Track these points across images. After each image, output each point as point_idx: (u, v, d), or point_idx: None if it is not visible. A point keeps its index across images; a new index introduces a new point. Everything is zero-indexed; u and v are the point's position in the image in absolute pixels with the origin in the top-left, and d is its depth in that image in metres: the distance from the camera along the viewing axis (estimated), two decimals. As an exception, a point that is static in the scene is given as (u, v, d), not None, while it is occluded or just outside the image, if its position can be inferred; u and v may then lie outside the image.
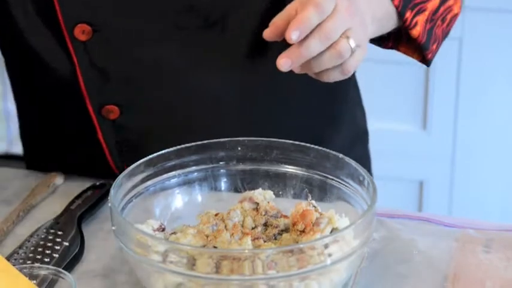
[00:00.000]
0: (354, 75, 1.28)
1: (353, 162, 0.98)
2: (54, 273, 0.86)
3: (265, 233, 0.97)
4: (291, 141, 1.03)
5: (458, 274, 0.98)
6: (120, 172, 0.98)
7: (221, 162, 1.06)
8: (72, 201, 1.10)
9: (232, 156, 1.05)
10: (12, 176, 1.22)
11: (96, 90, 1.14)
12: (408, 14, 1.09)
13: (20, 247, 1.00)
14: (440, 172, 2.29)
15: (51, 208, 1.11)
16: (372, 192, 0.93)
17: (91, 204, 1.10)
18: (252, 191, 1.03)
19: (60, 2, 1.08)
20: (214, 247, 0.92)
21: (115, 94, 1.14)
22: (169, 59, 1.11)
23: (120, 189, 0.96)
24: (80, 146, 1.21)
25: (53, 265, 0.95)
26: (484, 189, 2.28)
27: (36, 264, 0.93)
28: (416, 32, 1.11)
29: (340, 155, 1.00)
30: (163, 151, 1.02)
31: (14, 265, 0.86)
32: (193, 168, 1.05)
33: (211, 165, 1.06)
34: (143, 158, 1.00)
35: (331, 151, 1.01)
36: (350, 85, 1.29)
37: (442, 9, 1.15)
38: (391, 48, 1.18)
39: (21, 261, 0.97)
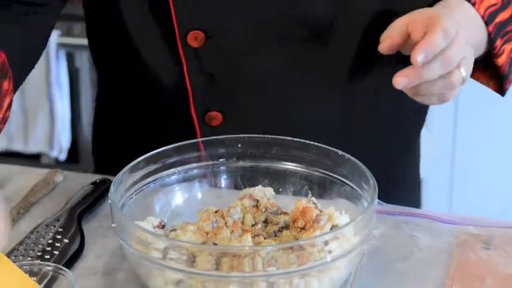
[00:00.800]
0: None
1: (353, 159, 0.98)
2: (54, 270, 0.86)
3: (266, 230, 0.97)
4: (290, 138, 1.03)
5: (458, 271, 0.98)
6: None
7: (221, 159, 1.06)
8: (72, 198, 1.10)
9: (232, 153, 1.05)
10: (12, 173, 1.22)
11: (201, 96, 1.13)
12: (498, 42, 1.08)
13: (20, 244, 1.00)
14: (441, 170, 2.29)
15: (51, 205, 1.11)
16: (372, 189, 0.93)
17: (91, 201, 1.10)
18: (252, 188, 1.03)
19: (176, 8, 1.08)
20: (214, 244, 0.92)
21: (220, 101, 1.14)
22: (273, 70, 1.11)
23: (120, 186, 0.96)
24: None
25: (53, 262, 0.95)
26: (484, 187, 2.28)
27: (37, 261, 0.93)
28: (501, 60, 1.09)
29: (340, 152, 1.00)
30: (163, 148, 1.02)
31: (14, 262, 0.86)
32: (194, 165, 1.05)
33: (211, 162, 1.06)
34: None
35: (331, 148, 1.01)
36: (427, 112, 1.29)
37: None
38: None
39: (21, 258, 0.97)
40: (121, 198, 0.96)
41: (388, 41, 0.99)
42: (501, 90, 1.14)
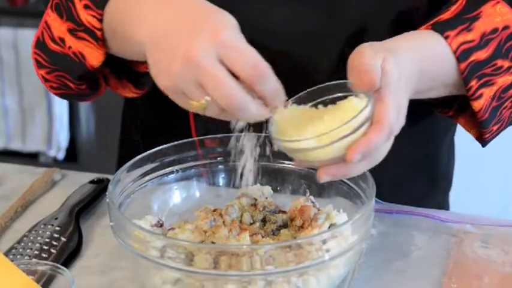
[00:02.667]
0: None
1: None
2: (52, 269, 0.86)
3: (264, 229, 0.97)
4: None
5: (456, 269, 0.98)
6: None
7: (219, 158, 1.06)
8: (70, 197, 1.10)
9: (230, 152, 1.05)
10: (10, 171, 1.22)
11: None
12: (474, 83, 1.00)
13: (18, 243, 1.00)
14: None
15: (49, 204, 1.11)
16: (370, 188, 0.93)
17: (89, 199, 1.10)
18: (250, 187, 1.03)
19: None
20: (212, 243, 0.92)
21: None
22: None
23: (118, 185, 0.96)
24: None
25: (51, 261, 0.95)
26: (482, 186, 2.28)
27: (34, 260, 0.93)
28: (478, 105, 1.01)
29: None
30: (161, 147, 1.02)
31: (12, 261, 0.86)
32: (191, 163, 1.05)
33: (209, 161, 1.06)
34: None
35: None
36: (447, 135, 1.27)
37: None
38: (451, 117, 1.10)
39: (19, 256, 0.97)
40: (119, 197, 0.96)
41: (355, 76, 0.91)
42: (482, 140, 1.08)
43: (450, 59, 0.99)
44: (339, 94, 0.91)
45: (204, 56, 0.84)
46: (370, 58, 0.89)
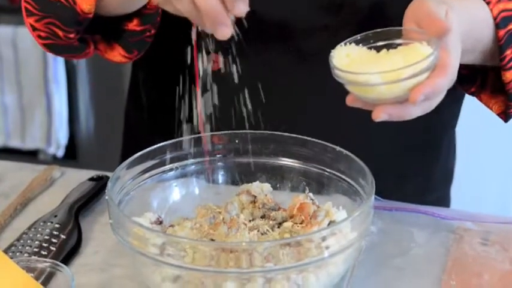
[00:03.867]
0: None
1: (350, 155, 0.98)
2: (52, 266, 0.86)
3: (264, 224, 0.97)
4: (288, 134, 1.03)
5: (456, 266, 0.98)
6: None
7: (219, 155, 1.06)
8: (70, 194, 1.10)
9: (229, 149, 1.05)
10: (9, 169, 1.22)
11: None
12: (509, 52, 1.01)
13: (18, 240, 1.00)
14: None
15: (48, 201, 1.11)
16: (370, 185, 0.93)
17: (88, 197, 1.10)
18: (250, 184, 1.03)
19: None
20: (212, 240, 0.92)
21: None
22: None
23: (118, 182, 0.96)
24: None
25: (51, 258, 0.95)
26: (481, 183, 2.28)
27: (34, 258, 0.93)
28: (510, 76, 1.01)
29: (338, 148, 1.00)
30: (160, 144, 1.02)
31: (11, 258, 0.85)
32: (191, 161, 1.05)
33: (208, 158, 1.05)
34: None
35: (328, 144, 1.00)
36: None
37: None
38: (473, 94, 1.11)
39: (18, 254, 0.97)
40: (118, 194, 0.96)
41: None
42: (505, 115, 1.08)
43: (491, 24, 1.00)
44: (400, 41, 0.92)
45: None
46: (435, 8, 0.91)
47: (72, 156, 2.65)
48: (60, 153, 2.63)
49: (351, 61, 0.90)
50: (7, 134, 2.65)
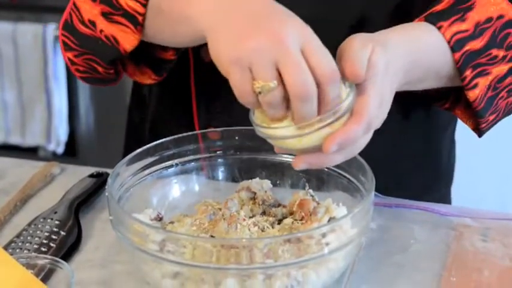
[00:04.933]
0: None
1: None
2: (52, 263, 0.86)
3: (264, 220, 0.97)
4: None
5: (456, 263, 0.98)
6: None
7: (218, 152, 1.06)
8: (70, 191, 1.10)
9: (229, 145, 1.05)
10: (9, 165, 1.22)
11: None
12: (468, 73, 0.99)
13: (18, 237, 1.00)
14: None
15: (48, 198, 1.11)
16: (370, 181, 0.93)
17: (88, 193, 1.10)
18: (250, 181, 1.03)
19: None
20: (212, 236, 0.92)
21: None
22: None
23: (118, 178, 0.96)
24: None
25: (51, 255, 0.95)
26: (481, 180, 2.28)
27: (34, 254, 0.93)
28: (473, 94, 1.01)
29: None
30: (160, 140, 1.02)
31: (11, 254, 0.86)
32: (191, 157, 1.05)
33: (208, 155, 1.05)
34: None
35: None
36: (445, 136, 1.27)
37: (510, 79, 1.03)
38: (448, 109, 1.10)
39: (18, 250, 0.97)
40: (118, 191, 0.96)
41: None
42: (478, 130, 1.07)
43: (444, 49, 0.98)
44: None
45: (293, 42, 0.84)
46: (358, 49, 0.89)
47: (72, 153, 2.65)
48: (60, 149, 2.63)
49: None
50: (7, 131, 2.65)
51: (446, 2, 1.01)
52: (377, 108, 0.88)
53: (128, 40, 1.01)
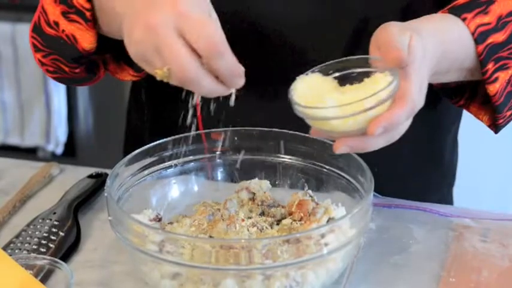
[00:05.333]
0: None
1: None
2: (51, 264, 0.86)
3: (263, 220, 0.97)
4: (287, 131, 1.03)
5: (455, 263, 0.98)
6: None
7: (217, 152, 1.06)
8: (69, 192, 1.10)
9: (228, 146, 1.05)
10: (8, 166, 1.22)
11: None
12: (490, 66, 1.00)
13: (17, 237, 1.00)
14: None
15: (47, 198, 1.11)
16: (368, 181, 0.93)
17: (87, 194, 1.10)
18: (249, 181, 1.03)
19: None
20: (211, 237, 0.92)
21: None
22: None
23: (117, 179, 0.96)
24: None
25: (50, 255, 0.95)
26: (480, 180, 2.28)
27: (33, 255, 0.93)
28: (494, 89, 1.00)
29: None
30: (160, 141, 1.02)
31: (10, 255, 0.86)
32: (190, 158, 1.05)
33: (207, 155, 1.05)
34: None
35: (327, 140, 1.00)
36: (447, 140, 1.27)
37: None
38: (462, 106, 1.10)
39: (17, 251, 0.97)
40: (117, 191, 0.96)
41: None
42: (494, 126, 1.07)
43: (468, 41, 0.99)
44: (362, 69, 0.90)
45: (162, 26, 0.84)
46: (397, 35, 0.89)
47: (71, 153, 2.65)
48: (59, 150, 2.63)
49: (311, 93, 0.89)
50: (6, 131, 2.65)
51: None
52: (418, 94, 0.89)
53: (84, 38, 1.01)
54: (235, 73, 0.86)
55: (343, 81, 0.91)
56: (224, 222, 0.93)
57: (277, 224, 0.97)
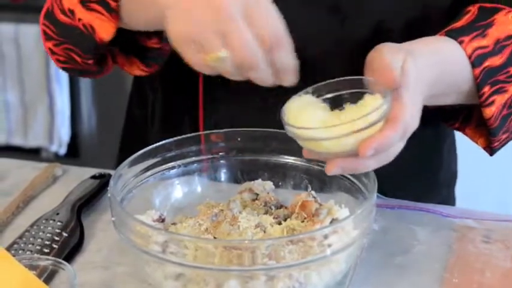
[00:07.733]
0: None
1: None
2: (54, 264, 0.86)
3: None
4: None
5: (458, 264, 0.98)
6: None
7: (221, 153, 1.06)
8: (72, 192, 1.10)
9: (232, 147, 1.05)
10: (11, 166, 1.22)
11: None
12: (486, 89, 0.99)
13: (20, 238, 1.00)
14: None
15: (50, 199, 1.11)
16: (372, 182, 0.93)
17: (91, 195, 1.10)
18: (252, 182, 1.03)
19: None
20: (214, 238, 0.92)
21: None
22: None
23: (120, 180, 0.96)
24: None
25: (53, 256, 0.95)
26: (483, 181, 2.28)
27: (36, 255, 0.93)
28: (490, 112, 1.00)
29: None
30: (163, 141, 1.02)
31: (14, 256, 0.86)
32: (193, 158, 1.05)
33: (211, 156, 1.05)
34: None
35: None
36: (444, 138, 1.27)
37: None
38: (457, 129, 1.10)
39: (21, 252, 0.97)
40: (120, 192, 0.96)
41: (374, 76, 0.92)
42: (490, 149, 1.07)
43: (465, 64, 0.98)
44: (354, 90, 0.91)
45: (236, 11, 0.85)
46: (391, 56, 0.89)
47: (74, 154, 2.65)
48: (63, 151, 2.64)
49: (304, 111, 0.89)
50: (9, 132, 2.65)
51: (466, 19, 1.01)
52: (411, 116, 0.88)
53: (104, 28, 1.00)
54: (290, 68, 0.87)
55: (336, 102, 0.91)
56: (227, 223, 0.93)
57: (280, 225, 0.97)
